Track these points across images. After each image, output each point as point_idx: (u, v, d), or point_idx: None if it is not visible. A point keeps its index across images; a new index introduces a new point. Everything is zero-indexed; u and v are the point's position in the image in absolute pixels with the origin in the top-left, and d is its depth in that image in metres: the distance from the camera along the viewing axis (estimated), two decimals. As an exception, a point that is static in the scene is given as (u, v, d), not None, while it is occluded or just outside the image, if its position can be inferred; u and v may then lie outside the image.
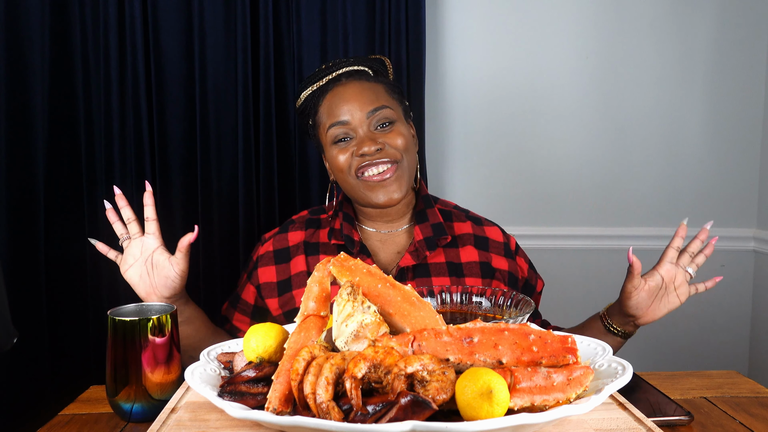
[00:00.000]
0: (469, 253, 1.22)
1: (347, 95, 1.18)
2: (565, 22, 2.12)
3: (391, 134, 1.17)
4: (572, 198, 2.18)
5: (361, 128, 1.17)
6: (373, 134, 1.17)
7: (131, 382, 0.87)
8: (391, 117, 1.18)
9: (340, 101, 1.17)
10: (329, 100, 1.19)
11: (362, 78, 1.20)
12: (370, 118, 1.16)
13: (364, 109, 1.16)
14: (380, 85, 1.21)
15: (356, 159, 1.16)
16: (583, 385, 0.65)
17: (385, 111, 1.18)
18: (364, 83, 1.19)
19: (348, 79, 1.20)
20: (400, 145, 1.17)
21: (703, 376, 1.12)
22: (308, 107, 1.24)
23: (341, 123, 1.17)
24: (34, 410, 1.76)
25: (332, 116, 1.18)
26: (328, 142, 1.20)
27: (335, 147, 1.19)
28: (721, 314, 2.23)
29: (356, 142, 1.17)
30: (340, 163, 1.18)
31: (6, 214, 1.77)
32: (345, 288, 0.73)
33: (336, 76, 1.21)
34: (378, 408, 0.60)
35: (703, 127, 2.18)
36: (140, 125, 1.87)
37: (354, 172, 1.17)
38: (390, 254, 1.23)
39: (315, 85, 1.23)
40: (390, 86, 1.23)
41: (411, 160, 1.20)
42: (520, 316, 0.85)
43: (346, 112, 1.16)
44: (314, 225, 1.26)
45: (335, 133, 1.18)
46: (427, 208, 1.25)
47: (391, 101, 1.21)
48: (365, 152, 1.14)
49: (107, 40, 1.82)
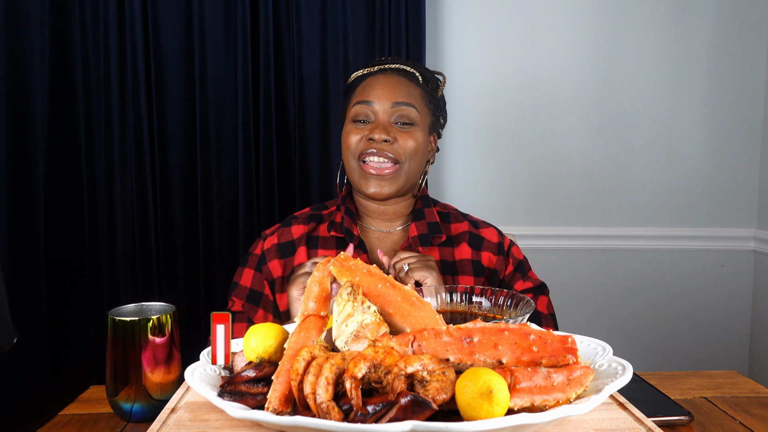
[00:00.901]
0: (463, 251, 1.24)
1: (384, 83, 1.23)
2: (565, 23, 2.12)
3: (405, 134, 1.20)
4: (572, 198, 2.18)
5: (382, 115, 1.21)
6: (389, 126, 1.21)
7: (131, 382, 0.87)
8: (413, 119, 1.21)
9: (375, 85, 1.23)
10: (368, 82, 1.25)
11: (406, 76, 1.25)
12: (394, 109, 1.21)
13: (391, 99, 1.21)
14: (419, 89, 1.25)
15: (365, 143, 1.20)
16: (583, 385, 0.65)
17: (410, 110, 1.21)
18: (404, 80, 1.24)
19: (393, 73, 1.25)
20: (408, 148, 1.20)
21: (703, 376, 1.12)
22: (352, 86, 1.30)
23: (366, 103, 1.22)
24: (34, 410, 1.76)
25: (362, 95, 1.23)
26: (350, 117, 1.25)
27: (352, 125, 1.23)
28: (721, 314, 2.23)
29: (371, 126, 1.21)
30: (350, 141, 1.22)
31: (6, 214, 1.77)
32: (345, 288, 0.73)
33: (386, 68, 1.26)
34: (378, 408, 0.60)
35: (703, 127, 2.18)
36: (140, 125, 1.87)
37: (357, 155, 1.20)
38: (387, 252, 1.26)
39: (366, 69, 1.28)
40: (429, 95, 1.27)
41: (414, 168, 1.23)
42: (520, 316, 0.85)
43: (376, 96, 1.21)
44: (316, 220, 1.29)
45: (357, 111, 1.22)
46: (424, 208, 1.27)
47: (423, 107, 1.24)
48: (374, 138, 1.18)
49: (107, 40, 1.82)
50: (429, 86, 1.27)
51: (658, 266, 2.21)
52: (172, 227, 1.94)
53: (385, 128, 1.19)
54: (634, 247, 2.19)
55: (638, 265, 2.19)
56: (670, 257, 2.21)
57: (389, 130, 1.19)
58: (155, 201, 1.91)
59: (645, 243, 2.20)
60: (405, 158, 1.20)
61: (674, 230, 2.21)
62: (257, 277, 1.26)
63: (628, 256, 2.19)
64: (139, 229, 1.88)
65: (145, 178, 1.88)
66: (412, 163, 1.21)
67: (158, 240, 1.92)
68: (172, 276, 1.94)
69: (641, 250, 2.20)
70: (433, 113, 1.27)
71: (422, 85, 1.25)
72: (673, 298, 2.22)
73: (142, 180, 1.88)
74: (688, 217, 2.21)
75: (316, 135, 1.95)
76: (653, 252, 2.21)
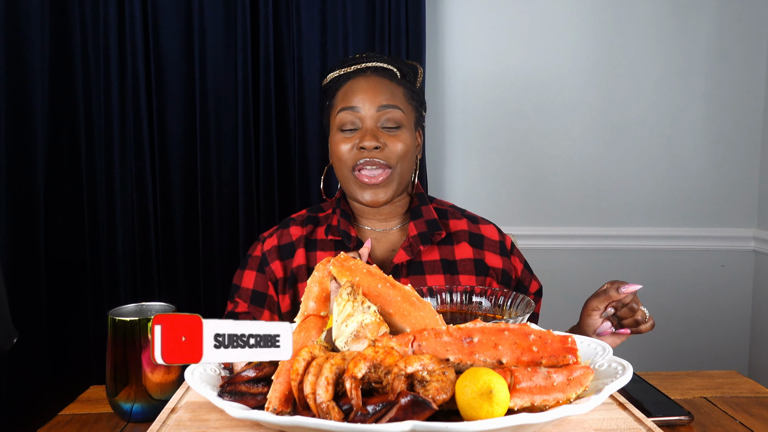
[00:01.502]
0: (464, 250, 1.24)
1: (366, 86, 1.22)
2: (565, 23, 2.12)
3: (394, 138, 1.21)
4: (572, 198, 2.18)
5: (369, 121, 1.21)
6: (377, 132, 1.20)
7: (131, 382, 0.87)
8: (400, 121, 1.22)
9: (358, 89, 1.22)
10: (349, 86, 1.24)
11: (386, 76, 1.25)
12: (380, 113, 1.21)
13: (376, 103, 1.21)
14: (401, 87, 1.25)
15: (356, 152, 1.20)
16: (583, 385, 0.65)
17: (396, 112, 1.21)
18: (385, 81, 1.24)
19: (373, 74, 1.25)
20: (399, 151, 1.20)
21: (703, 376, 1.12)
22: (330, 88, 1.30)
23: (351, 109, 1.21)
24: (34, 410, 1.76)
25: (345, 101, 1.23)
26: (336, 125, 1.24)
27: (340, 134, 1.23)
28: (721, 314, 2.23)
29: (360, 134, 1.21)
30: (340, 152, 1.22)
31: (6, 214, 1.77)
32: (345, 288, 0.73)
33: (363, 67, 1.26)
34: (378, 408, 0.60)
35: (704, 127, 2.18)
36: (140, 125, 1.87)
37: (351, 166, 1.21)
38: (385, 252, 1.25)
39: (342, 70, 1.28)
40: (411, 92, 1.27)
41: (406, 168, 1.24)
42: (520, 316, 0.85)
43: (360, 101, 1.21)
44: (313, 222, 1.29)
45: (343, 119, 1.22)
46: (421, 206, 1.27)
47: (406, 106, 1.25)
48: (365, 146, 1.18)
49: (107, 40, 1.82)
50: (408, 81, 1.28)
51: (658, 266, 2.21)
52: (172, 227, 1.94)
53: (374, 135, 1.19)
54: (634, 247, 2.19)
55: (638, 265, 2.19)
56: (670, 257, 2.21)
57: (378, 135, 1.19)
58: (155, 201, 1.91)
59: (645, 243, 2.20)
60: (396, 162, 1.20)
61: (674, 230, 2.21)
62: (260, 279, 1.26)
63: (627, 256, 2.19)
64: (139, 229, 1.88)
65: (145, 178, 1.88)
66: (404, 165, 1.22)
67: (158, 240, 1.91)
68: (172, 276, 1.94)
69: (641, 250, 2.20)
70: (416, 109, 1.28)
71: (402, 81, 1.26)
72: (673, 298, 2.22)
73: (142, 180, 1.88)
74: (688, 217, 2.21)
75: (316, 135, 1.95)
76: (653, 252, 2.21)
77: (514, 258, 1.28)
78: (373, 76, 1.24)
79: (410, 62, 1.32)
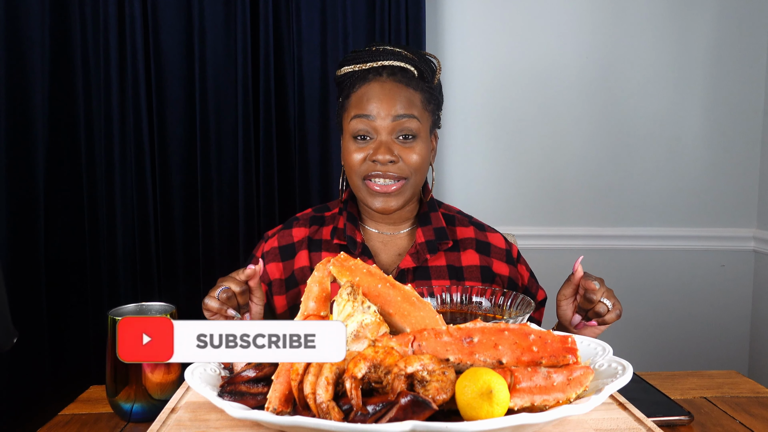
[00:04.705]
0: (470, 257, 1.23)
1: (382, 93, 1.17)
2: (565, 23, 2.12)
3: (409, 150, 1.17)
4: (573, 198, 2.18)
5: (384, 131, 1.16)
6: (392, 144, 1.16)
7: (131, 382, 0.87)
8: (416, 131, 1.17)
9: (373, 96, 1.17)
10: (364, 90, 1.19)
11: (403, 80, 1.19)
12: (395, 123, 1.16)
13: (392, 112, 1.16)
14: (418, 93, 1.19)
15: (369, 164, 1.16)
16: (583, 385, 0.65)
17: (412, 122, 1.16)
18: (402, 87, 1.18)
19: (389, 77, 1.18)
20: (414, 163, 1.17)
21: (703, 376, 1.12)
22: (344, 84, 1.23)
23: (366, 117, 1.16)
24: (34, 410, 1.76)
25: (360, 108, 1.18)
26: (349, 131, 1.19)
27: (353, 143, 1.18)
28: (721, 314, 2.23)
29: (374, 145, 1.16)
30: (353, 161, 1.18)
31: (6, 214, 1.77)
32: (345, 288, 0.73)
33: (380, 66, 1.19)
34: (378, 408, 0.60)
35: (704, 127, 2.18)
36: (140, 125, 1.87)
37: (362, 176, 1.18)
38: (391, 256, 1.24)
39: (357, 66, 1.21)
40: (428, 94, 1.21)
41: (420, 178, 1.21)
42: (520, 316, 0.85)
43: (375, 108, 1.16)
44: (318, 222, 1.27)
45: (357, 127, 1.17)
46: (430, 212, 1.25)
47: (423, 113, 1.19)
48: (379, 159, 1.15)
49: (107, 40, 1.82)
50: (426, 81, 1.22)
51: (658, 266, 2.20)
52: (172, 227, 1.94)
53: (388, 148, 1.15)
54: (634, 247, 2.19)
55: (638, 265, 2.19)
56: (670, 257, 2.21)
57: (392, 148, 1.15)
58: (155, 201, 1.91)
59: (645, 243, 2.20)
60: (410, 174, 1.17)
61: (674, 230, 2.21)
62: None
63: (628, 256, 2.19)
64: (139, 229, 1.88)
65: (145, 178, 1.88)
66: (418, 175, 1.18)
67: (158, 240, 1.91)
68: (172, 276, 1.94)
69: (641, 250, 2.20)
70: (432, 113, 1.23)
71: (420, 84, 1.20)
72: (673, 298, 2.22)
73: (142, 180, 1.88)
74: (688, 217, 2.21)
75: (316, 135, 1.95)
76: (653, 252, 2.21)
77: (521, 266, 1.28)
78: (390, 81, 1.17)
79: (429, 55, 1.25)
